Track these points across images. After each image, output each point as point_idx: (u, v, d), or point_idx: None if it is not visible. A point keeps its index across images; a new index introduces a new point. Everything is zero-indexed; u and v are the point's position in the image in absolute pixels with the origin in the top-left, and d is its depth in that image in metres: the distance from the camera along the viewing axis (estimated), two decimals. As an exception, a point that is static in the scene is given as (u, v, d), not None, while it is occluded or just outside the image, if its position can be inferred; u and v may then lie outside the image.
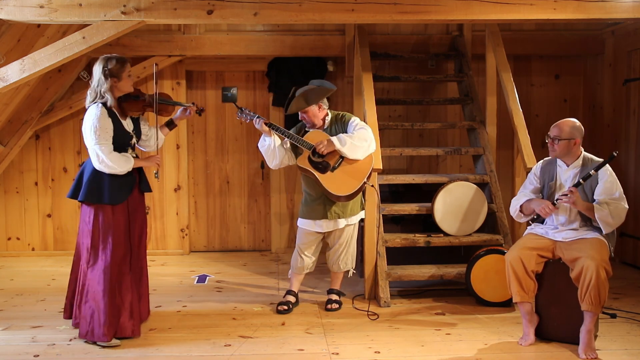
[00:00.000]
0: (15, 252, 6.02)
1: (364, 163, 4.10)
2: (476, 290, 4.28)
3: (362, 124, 4.13)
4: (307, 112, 4.13)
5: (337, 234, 4.24)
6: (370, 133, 4.11)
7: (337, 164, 4.05)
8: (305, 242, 4.26)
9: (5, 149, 5.68)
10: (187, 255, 6.07)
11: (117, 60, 3.54)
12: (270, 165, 4.19)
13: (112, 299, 3.50)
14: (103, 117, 3.46)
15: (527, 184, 3.81)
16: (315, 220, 4.18)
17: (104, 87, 3.49)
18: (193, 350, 3.50)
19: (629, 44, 5.54)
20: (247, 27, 5.87)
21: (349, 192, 4.05)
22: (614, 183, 3.49)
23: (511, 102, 4.73)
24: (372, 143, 4.11)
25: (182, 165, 6.03)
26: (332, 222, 4.18)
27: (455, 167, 6.23)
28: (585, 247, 3.42)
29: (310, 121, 4.16)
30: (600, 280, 3.29)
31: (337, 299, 4.29)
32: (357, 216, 4.27)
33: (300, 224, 4.27)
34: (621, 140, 5.65)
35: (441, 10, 4.09)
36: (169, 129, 3.92)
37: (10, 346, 3.57)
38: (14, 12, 3.96)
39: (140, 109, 3.67)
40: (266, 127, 4.04)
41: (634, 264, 5.46)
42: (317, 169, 4.05)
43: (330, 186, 4.03)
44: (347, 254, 4.30)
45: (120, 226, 3.57)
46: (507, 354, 3.45)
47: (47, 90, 5.64)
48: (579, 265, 3.36)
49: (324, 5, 4.04)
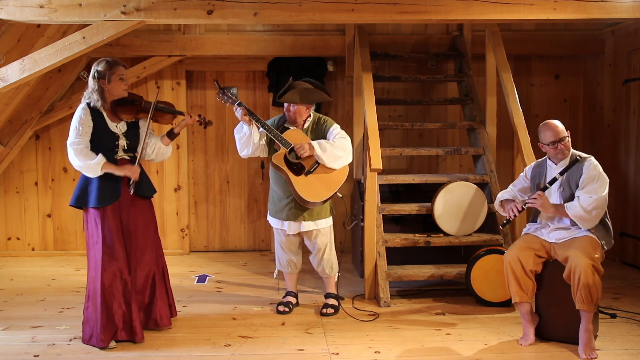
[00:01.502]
0: (15, 252, 6.02)
1: (338, 173, 4.04)
2: (476, 290, 4.28)
3: (342, 134, 4.08)
4: (295, 107, 4.09)
5: (312, 239, 4.16)
6: (349, 144, 4.05)
7: (312, 169, 3.99)
8: (282, 241, 4.23)
9: (5, 149, 5.68)
10: (187, 255, 6.07)
11: (107, 62, 3.55)
12: (240, 153, 4.11)
13: (107, 304, 3.48)
14: (83, 115, 3.48)
15: (516, 182, 3.85)
16: (282, 221, 4.14)
17: (91, 87, 3.54)
18: (193, 351, 3.50)
19: (629, 44, 5.54)
20: (247, 27, 5.87)
21: (319, 200, 4.00)
22: (595, 177, 3.46)
23: (511, 102, 4.73)
24: (350, 155, 4.06)
25: (182, 165, 6.03)
26: (297, 224, 4.10)
27: (455, 167, 6.23)
28: (575, 245, 3.42)
29: (293, 117, 4.11)
30: (589, 278, 3.29)
31: (333, 303, 4.23)
32: (325, 220, 4.15)
33: (271, 222, 4.24)
34: (621, 140, 5.65)
35: (441, 10, 4.09)
36: (169, 139, 3.81)
37: (10, 346, 3.57)
38: (14, 12, 3.96)
39: (133, 114, 3.63)
40: (246, 117, 3.97)
41: (634, 264, 5.46)
42: (291, 170, 3.98)
43: (302, 190, 3.96)
44: (329, 259, 4.22)
45: (111, 231, 3.51)
46: (507, 354, 3.45)
47: (47, 90, 5.64)
48: (568, 265, 3.38)
49: (324, 5, 4.04)
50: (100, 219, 3.50)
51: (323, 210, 4.14)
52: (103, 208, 3.50)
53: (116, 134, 3.58)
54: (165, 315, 3.77)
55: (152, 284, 3.72)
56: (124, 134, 3.60)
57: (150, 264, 3.71)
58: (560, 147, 3.54)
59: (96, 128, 3.51)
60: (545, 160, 3.70)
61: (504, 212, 3.77)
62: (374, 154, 4.31)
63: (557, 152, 3.55)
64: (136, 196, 3.65)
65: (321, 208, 4.13)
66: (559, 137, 3.53)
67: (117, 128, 3.59)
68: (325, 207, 4.16)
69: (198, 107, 6.10)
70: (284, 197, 4.11)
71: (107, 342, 3.48)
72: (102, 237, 3.49)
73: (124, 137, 3.60)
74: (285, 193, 4.09)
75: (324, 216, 4.15)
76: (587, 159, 3.53)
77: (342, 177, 4.06)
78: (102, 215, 3.50)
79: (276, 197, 4.17)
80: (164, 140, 3.81)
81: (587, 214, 3.41)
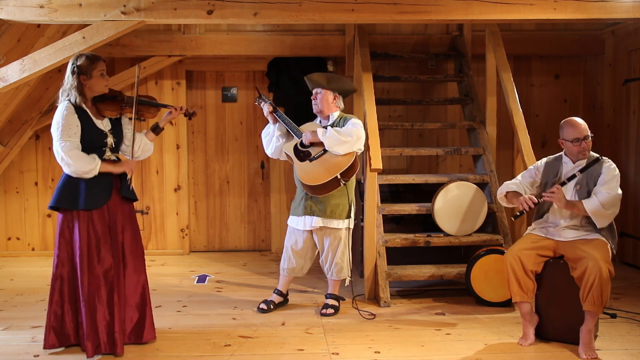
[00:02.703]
0: (15, 252, 6.02)
1: (343, 159, 3.97)
2: (476, 290, 4.28)
3: (356, 122, 4.07)
4: (321, 94, 4.14)
5: (324, 238, 4.15)
6: (360, 131, 4.00)
7: (317, 155, 4.02)
8: (293, 241, 4.23)
9: (5, 149, 5.68)
10: (187, 255, 6.07)
11: (87, 57, 3.34)
12: (266, 151, 4.31)
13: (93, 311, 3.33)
14: (68, 113, 3.26)
15: (525, 174, 3.83)
16: (298, 217, 4.16)
17: (70, 84, 3.32)
18: (193, 351, 3.50)
19: (629, 44, 5.54)
20: (247, 27, 5.87)
21: (316, 183, 3.94)
22: (615, 177, 3.51)
23: (511, 102, 4.73)
24: (359, 141, 3.98)
25: (182, 165, 6.04)
26: (308, 219, 4.09)
27: (455, 167, 6.23)
28: (589, 247, 3.42)
29: (320, 105, 4.16)
30: (603, 280, 3.29)
31: (333, 303, 4.20)
32: (339, 221, 4.10)
33: (289, 222, 4.27)
34: (621, 140, 5.65)
35: (441, 10, 4.09)
36: (154, 134, 3.63)
37: (10, 346, 3.57)
38: (14, 12, 3.96)
39: (116, 109, 3.42)
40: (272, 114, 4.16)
41: (634, 264, 5.46)
42: (297, 156, 4.06)
43: (302, 175, 4.01)
44: (340, 262, 4.16)
45: (97, 235, 3.33)
46: (507, 354, 3.45)
47: (47, 90, 5.64)
48: (582, 266, 3.36)
49: (324, 5, 4.04)
50: (86, 221, 3.31)
51: (338, 210, 4.09)
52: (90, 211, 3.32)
53: (104, 131, 3.38)
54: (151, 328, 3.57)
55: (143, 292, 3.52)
56: (110, 131, 3.41)
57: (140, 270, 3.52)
58: (583, 145, 3.55)
59: (84, 127, 3.30)
60: (561, 157, 3.70)
61: (507, 203, 3.78)
62: (374, 154, 4.32)
63: (580, 150, 3.56)
64: (123, 199, 3.47)
65: (336, 206, 4.07)
66: (582, 135, 3.55)
67: (102, 125, 3.39)
68: (342, 207, 4.09)
69: (198, 107, 6.10)
70: (301, 191, 4.16)
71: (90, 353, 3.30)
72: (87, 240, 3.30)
73: (111, 134, 3.42)
74: (301, 187, 4.14)
75: (338, 216, 4.09)
76: (606, 160, 3.57)
77: (345, 163, 3.96)
78: (89, 218, 3.32)
79: (296, 194, 4.24)
80: (148, 135, 3.63)
81: (604, 210, 3.43)
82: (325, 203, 4.08)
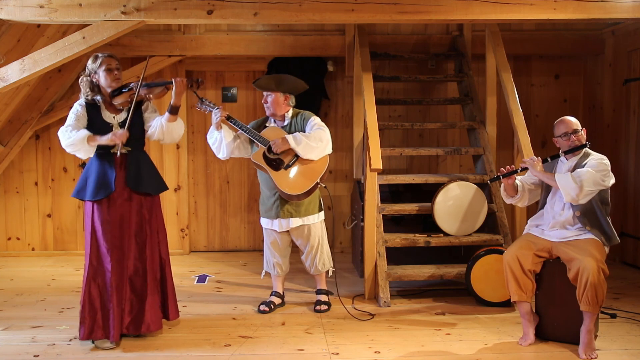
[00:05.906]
0: (15, 252, 6.02)
1: (318, 163, 4.04)
2: (476, 290, 4.28)
3: (320, 124, 4.07)
4: (272, 97, 4.09)
5: (304, 237, 4.18)
6: (327, 134, 4.04)
7: (291, 163, 4.01)
8: (272, 241, 4.24)
9: (5, 149, 5.68)
10: (187, 255, 6.07)
11: (93, 57, 3.59)
12: (217, 155, 4.15)
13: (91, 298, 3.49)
14: (80, 109, 3.55)
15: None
16: (272, 220, 4.16)
17: (82, 83, 3.61)
18: (193, 351, 3.50)
19: (629, 44, 5.54)
20: (247, 27, 5.87)
21: (300, 192, 4.00)
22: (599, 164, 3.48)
23: (511, 102, 4.72)
24: (329, 145, 4.05)
25: (182, 165, 6.04)
26: (285, 221, 4.12)
27: (455, 167, 6.23)
28: (582, 247, 3.42)
29: (272, 108, 4.11)
30: (597, 280, 3.29)
31: (325, 299, 4.26)
32: (314, 216, 4.17)
33: (262, 223, 4.27)
34: (621, 140, 5.65)
35: (441, 10, 4.09)
36: (172, 114, 3.63)
37: (10, 346, 3.57)
38: (14, 12, 3.96)
39: (126, 97, 3.62)
40: (220, 122, 4.01)
41: (634, 264, 5.46)
42: (270, 166, 4.02)
43: (282, 184, 3.99)
44: (322, 255, 4.24)
45: (104, 223, 3.49)
46: (507, 354, 3.45)
47: (47, 90, 5.64)
48: (575, 266, 3.37)
49: (324, 5, 4.04)
50: (95, 211, 3.50)
51: (311, 206, 4.15)
52: (99, 201, 3.50)
53: (110, 124, 3.56)
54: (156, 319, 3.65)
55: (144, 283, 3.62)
56: (119, 124, 3.57)
57: (144, 262, 3.62)
58: (572, 138, 3.57)
59: (91, 121, 3.54)
60: (558, 156, 3.71)
61: (507, 196, 3.81)
62: (374, 154, 4.31)
63: (570, 144, 3.58)
64: (134, 192, 3.58)
65: (309, 204, 4.13)
66: (571, 129, 3.57)
67: (113, 119, 3.58)
68: (314, 203, 4.17)
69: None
70: (271, 196, 4.13)
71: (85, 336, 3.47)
72: (96, 229, 3.49)
73: (120, 127, 3.56)
74: (272, 191, 4.12)
75: (312, 212, 4.16)
76: (597, 154, 3.57)
77: (321, 167, 4.05)
78: (97, 209, 3.50)
79: (265, 197, 4.20)
80: (168, 118, 3.65)
81: (574, 184, 3.41)
82: (300, 203, 4.11)
